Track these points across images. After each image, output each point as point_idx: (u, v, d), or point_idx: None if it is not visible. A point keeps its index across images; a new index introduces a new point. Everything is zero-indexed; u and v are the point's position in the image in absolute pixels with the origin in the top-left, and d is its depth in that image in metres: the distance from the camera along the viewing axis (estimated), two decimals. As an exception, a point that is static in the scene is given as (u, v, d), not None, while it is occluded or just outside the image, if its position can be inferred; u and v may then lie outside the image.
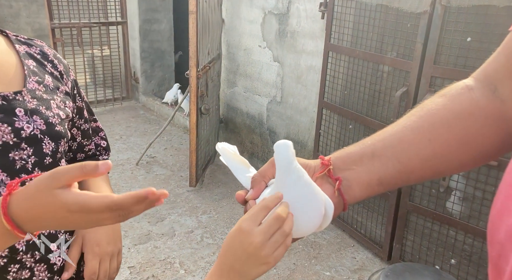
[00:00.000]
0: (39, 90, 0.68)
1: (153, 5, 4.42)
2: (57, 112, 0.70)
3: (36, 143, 0.65)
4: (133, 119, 4.31)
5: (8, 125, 0.61)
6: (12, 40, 0.71)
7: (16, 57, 0.69)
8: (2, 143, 0.60)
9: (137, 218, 2.62)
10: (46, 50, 0.75)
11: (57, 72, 0.75)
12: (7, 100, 0.62)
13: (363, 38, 2.20)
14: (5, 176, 0.61)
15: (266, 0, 2.95)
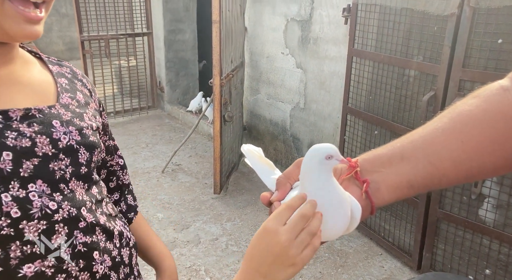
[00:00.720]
0: (72, 105, 0.71)
1: (177, 16, 4.51)
2: (90, 123, 0.72)
3: (73, 153, 0.67)
4: (158, 127, 4.39)
5: (47, 136, 0.63)
6: (45, 61, 0.75)
7: (50, 76, 0.72)
8: (42, 154, 0.62)
9: (163, 225, 2.66)
10: (75, 70, 0.79)
11: (86, 89, 0.78)
12: (44, 113, 0.65)
13: (387, 43, 2.17)
14: (45, 186, 0.63)
15: (289, 8, 2.96)
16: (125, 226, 0.81)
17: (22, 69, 0.68)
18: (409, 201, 2.19)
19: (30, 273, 0.61)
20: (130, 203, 0.94)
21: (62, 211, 0.64)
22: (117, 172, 0.90)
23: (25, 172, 0.60)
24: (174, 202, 2.93)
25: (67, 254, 0.65)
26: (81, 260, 0.66)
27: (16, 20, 0.57)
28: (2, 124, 0.60)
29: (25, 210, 0.60)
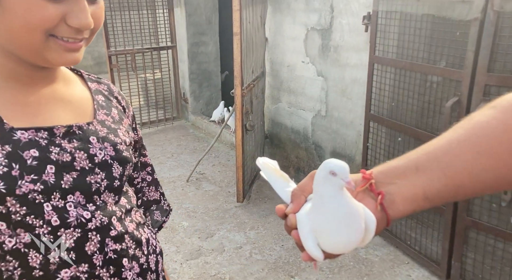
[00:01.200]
0: (108, 121, 0.76)
1: (200, 29, 4.63)
2: (124, 139, 0.76)
3: (107, 168, 0.71)
4: (183, 137, 4.48)
5: (85, 152, 0.68)
6: (85, 78, 0.80)
7: (88, 93, 0.78)
8: (80, 168, 0.67)
9: (188, 233, 2.70)
10: (112, 88, 0.84)
11: (120, 106, 0.83)
12: (83, 130, 0.70)
13: (409, 49, 2.16)
14: (82, 198, 0.67)
15: (309, 17, 2.98)
16: (152, 234, 0.84)
17: (64, 87, 0.73)
18: (435, 208, 2.14)
19: (67, 278, 0.65)
20: (156, 218, 0.95)
21: (95, 220, 0.68)
22: (143, 189, 0.92)
23: (66, 184, 0.65)
24: (198, 211, 2.98)
25: (98, 260, 0.68)
26: (112, 266, 0.70)
27: (58, 50, 0.62)
28: (47, 140, 0.65)
29: (63, 218, 0.65)
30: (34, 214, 0.62)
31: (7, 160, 0.60)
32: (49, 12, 0.58)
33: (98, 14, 0.64)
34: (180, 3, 4.48)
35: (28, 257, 0.63)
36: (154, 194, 0.95)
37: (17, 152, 0.62)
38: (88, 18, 0.61)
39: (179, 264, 2.40)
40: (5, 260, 0.62)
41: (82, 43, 0.64)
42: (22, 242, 0.63)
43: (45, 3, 0.57)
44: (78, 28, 0.61)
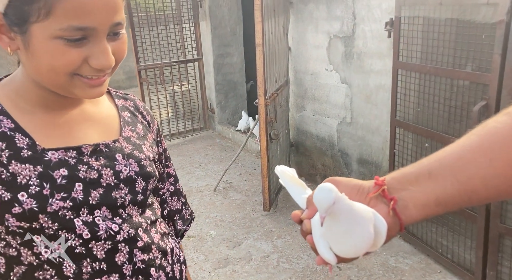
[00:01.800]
0: (133, 137, 0.80)
1: (225, 41, 4.73)
2: (148, 154, 0.81)
3: (131, 183, 0.75)
4: (210, 147, 4.57)
5: (111, 169, 0.73)
6: (112, 95, 0.85)
7: (115, 110, 0.82)
8: (106, 184, 0.72)
9: (216, 242, 2.75)
10: (138, 103, 0.88)
11: (145, 121, 0.87)
12: (109, 147, 0.75)
13: (433, 54, 2.13)
14: (108, 212, 0.72)
15: (331, 25, 3.00)
16: (176, 244, 0.88)
17: (92, 107, 0.78)
18: (466, 215, 2.08)
19: None
20: (178, 227, 0.99)
21: (123, 232, 0.73)
22: (167, 199, 0.96)
23: (93, 200, 0.70)
24: (226, 220, 3.02)
25: (128, 270, 0.73)
26: (140, 276, 0.74)
27: (83, 87, 0.66)
28: (76, 159, 0.70)
29: (94, 232, 0.69)
30: (66, 229, 0.67)
31: (39, 180, 0.65)
32: (72, 56, 0.61)
33: (120, 49, 0.67)
34: (205, 16, 4.60)
35: (63, 267, 0.68)
36: (176, 204, 0.98)
37: (48, 171, 0.67)
38: (108, 60, 0.64)
39: (208, 272, 2.45)
40: (43, 269, 0.67)
41: (105, 77, 0.68)
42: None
43: (68, 48, 0.61)
44: (100, 69, 0.65)
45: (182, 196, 1.01)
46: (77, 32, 0.60)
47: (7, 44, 0.64)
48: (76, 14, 0.59)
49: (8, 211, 0.64)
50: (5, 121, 0.67)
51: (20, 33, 0.61)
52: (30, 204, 0.64)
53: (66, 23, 0.59)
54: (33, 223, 0.65)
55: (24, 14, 0.59)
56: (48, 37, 0.60)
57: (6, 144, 0.65)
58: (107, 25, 0.62)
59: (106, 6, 0.61)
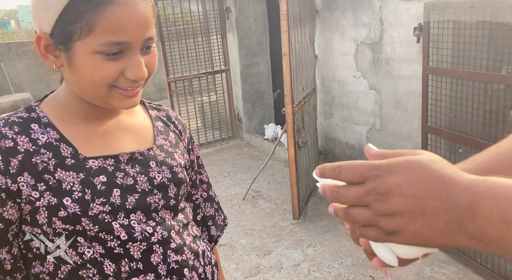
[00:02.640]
0: (166, 145, 0.85)
1: (251, 51, 4.80)
2: (179, 161, 0.85)
3: (164, 189, 0.80)
4: (238, 156, 4.61)
5: (145, 175, 0.78)
6: (147, 106, 0.91)
7: (149, 120, 0.88)
8: (141, 190, 0.77)
9: (246, 250, 2.76)
10: (170, 114, 0.93)
11: (177, 130, 0.92)
12: (144, 155, 0.80)
13: (465, 58, 2.08)
14: (142, 215, 0.76)
15: (358, 32, 2.99)
16: (207, 246, 0.91)
17: (128, 117, 0.84)
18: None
19: None
20: (212, 233, 1.02)
21: (156, 234, 0.77)
22: (200, 205, 1.00)
23: (129, 205, 0.75)
24: (255, 228, 3.03)
25: (163, 270, 0.76)
26: (175, 276, 0.78)
27: (119, 97, 0.72)
28: (113, 166, 0.75)
29: (130, 234, 0.74)
30: (105, 231, 0.72)
31: (81, 186, 0.71)
32: (111, 69, 0.68)
33: (151, 62, 0.73)
34: (232, 28, 4.69)
35: (104, 266, 0.73)
36: (209, 210, 1.02)
37: (89, 178, 0.72)
38: (142, 72, 0.70)
39: (239, 280, 2.46)
40: (86, 268, 0.73)
41: (139, 89, 0.74)
42: (99, 252, 0.73)
43: (106, 62, 0.67)
44: (135, 80, 0.71)
45: (215, 202, 1.04)
46: (114, 46, 0.66)
47: (52, 62, 0.71)
48: (113, 31, 0.65)
49: (55, 215, 0.69)
50: (52, 133, 0.73)
51: (64, 50, 0.68)
52: (73, 208, 0.69)
53: (105, 39, 0.65)
54: (77, 226, 0.70)
55: (68, 33, 0.66)
56: (89, 52, 0.66)
57: (53, 153, 0.72)
58: (140, 39, 0.68)
59: (139, 23, 0.67)
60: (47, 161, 0.70)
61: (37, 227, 0.71)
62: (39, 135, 0.72)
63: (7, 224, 0.70)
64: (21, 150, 0.70)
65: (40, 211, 0.70)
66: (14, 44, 6.64)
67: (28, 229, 0.72)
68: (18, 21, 54.99)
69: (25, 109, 0.75)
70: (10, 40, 13.02)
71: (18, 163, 0.69)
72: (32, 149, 0.70)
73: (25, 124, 0.72)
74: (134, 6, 0.66)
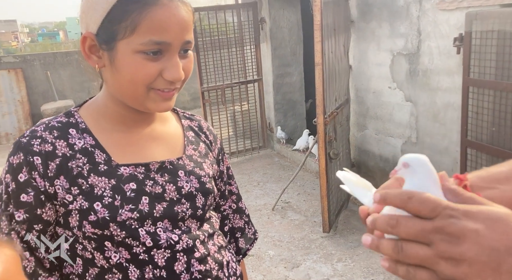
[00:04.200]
0: (195, 155, 0.86)
1: (285, 61, 4.80)
2: (208, 172, 0.85)
3: (192, 198, 0.80)
4: (269, 166, 4.59)
5: (174, 184, 0.78)
6: (180, 116, 0.91)
7: (181, 129, 0.88)
8: (169, 199, 0.77)
9: (274, 262, 2.72)
10: (202, 124, 0.94)
11: (208, 141, 0.92)
12: (173, 165, 0.80)
13: (510, 69, 1.98)
14: (169, 224, 0.77)
15: (394, 43, 2.92)
16: (233, 257, 0.90)
17: (161, 126, 0.85)
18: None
19: None
20: (241, 246, 1.00)
21: (181, 242, 0.77)
22: (229, 216, 0.99)
23: (157, 213, 0.75)
24: (284, 240, 2.99)
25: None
26: None
27: (156, 99, 0.73)
28: (144, 174, 0.76)
29: (155, 241, 0.74)
30: (132, 237, 0.73)
31: (111, 192, 0.72)
32: (150, 69, 0.69)
33: (188, 67, 0.74)
34: (266, 38, 4.73)
35: (128, 271, 0.74)
36: (238, 222, 1.00)
37: (120, 185, 0.73)
38: (179, 73, 0.71)
39: (266, 292, 2.42)
40: (112, 272, 0.74)
41: (174, 91, 0.74)
42: (125, 257, 0.73)
43: (147, 62, 0.69)
44: (172, 81, 0.72)
45: (245, 214, 1.02)
46: (155, 46, 0.68)
47: (95, 62, 0.73)
48: (156, 30, 0.67)
49: (86, 218, 0.71)
50: (88, 139, 0.75)
51: (108, 50, 0.70)
52: (103, 213, 0.71)
53: (147, 38, 0.67)
54: (105, 231, 0.72)
55: (113, 33, 0.68)
56: (131, 52, 0.68)
57: (88, 158, 0.74)
58: (180, 41, 0.70)
59: (180, 25, 0.69)
60: (82, 165, 0.72)
61: (69, 230, 0.73)
62: (76, 140, 0.74)
63: (46, 225, 0.73)
64: (59, 154, 0.72)
65: (72, 214, 0.72)
66: (59, 54, 7.01)
67: (61, 231, 0.74)
68: (66, 32, 58.17)
69: (65, 114, 0.78)
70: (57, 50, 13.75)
71: (56, 167, 0.71)
72: (69, 153, 0.73)
73: (64, 129, 0.75)
74: (176, 8, 0.68)
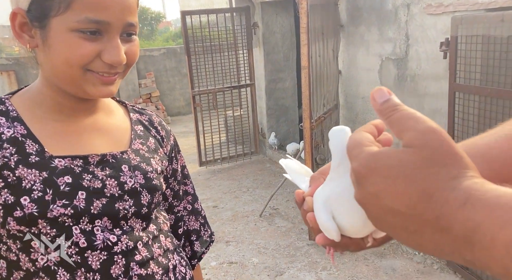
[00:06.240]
0: (142, 150, 0.80)
1: (278, 66, 4.77)
2: (155, 167, 0.80)
3: (136, 195, 0.75)
4: (260, 172, 4.54)
5: (115, 180, 0.73)
6: (128, 109, 0.87)
7: (128, 123, 0.83)
8: (110, 195, 0.72)
9: (257, 270, 2.66)
10: (153, 118, 0.89)
11: (159, 136, 0.87)
12: (116, 158, 0.75)
13: (495, 75, 1.93)
14: (109, 223, 0.71)
15: (383, 47, 2.89)
16: (181, 261, 0.85)
17: (105, 117, 0.80)
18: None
19: None
20: (196, 249, 0.95)
21: (120, 244, 0.71)
22: (183, 218, 0.94)
23: (95, 210, 0.70)
24: (269, 247, 2.93)
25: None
26: None
27: (94, 83, 0.69)
28: (81, 167, 0.71)
29: (90, 241, 0.69)
30: (64, 236, 0.67)
31: (42, 185, 0.66)
32: (87, 49, 0.65)
33: (132, 51, 0.69)
34: (259, 43, 4.70)
35: (57, 275, 0.68)
36: (194, 224, 0.96)
37: (53, 178, 0.68)
38: (120, 55, 0.66)
39: (246, 301, 2.36)
40: (38, 276, 0.68)
41: (116, 77, 0.70)
42: (53, 260, 0.68)
43: (83, 41, 0.64)
44: (111, 64, 0.67)
45: (201, 216, 0.98)
46: (92, 24, 0.64)
47: (26, 42, 0.68)
48: (93, 8, 0.63)
49: (10, 214, 0.65)
50: (19, 128, 0.70)
51: (40, 28, 0.65)
52: (31, 208, 0.65)
53: (83, 15, 0.63)
54: (32, 228, 0.66)
55: (46, 9, 0.64)
56: (65, 30, 0.64)
57: (16, 149, 0.68)
58: (120, 22, 0.66)
59: (120, 4, 0.65)
60: (9, 156, 0.67)
61: None
62: (5, 129, 0.69)
63: None
64: None
65: None
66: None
67: None
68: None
69: None
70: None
71: None
72: None
73: None
74: None
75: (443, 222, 0.30)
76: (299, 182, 0.52)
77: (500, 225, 0.27)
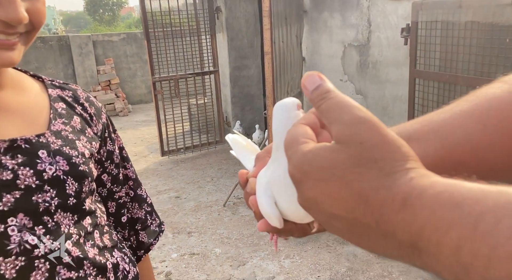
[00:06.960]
0: (65, 131, 0.69)
1: (242, 53, 4.67)
2: (82, 151, 0.69)
3: (60, 184, 0.64)
4: (224, 161, 4.46)
5: (30, 168, 0.62)
6: (46, 85, 0.74)
7: (47, 100, 0.71)
8: (25, 186, 0.61)
9: (220, 260, 2.60)
10: (79, 93, 0.77)
11: (86, 114, 0.76)
12: (30, 143, 0.64)
13: (453, 61, 1.95)
14: (27, 220, 0.61)
15: (346, 34, 2.86)
16: (125, 258, 0.76)
17: (14, 96, 0.68)
18: None
19: None
20: (142, 239, 0.87)
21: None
22: (126, 204, 0.85)
23: (5, 206, 0.59)
24: (233, 237, 2.88)
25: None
26: None
27: None
28: None
29: (2, 246, 0.58)
30: None
31: None
32: None
33: (36, 8, 0.59)
34: (222, 28, 4.58)
35: None
36: (138, 212, 0.87)
37: None
38: (18, 12, 0.56)
39: (208, 293, 2.30)
40: None
41: (17, 41, 0.59)
42: None
43: None
44: (7, 22, 0.56)
45: (147, 203, 0.89)
46: None
47: None
48: None
49: None
50: None
51: None
52: None
53: None
54: None
55: None
56: None
57: None
58: None
59: None
60: None
61: None
62: None
63: None
64: None
65: None
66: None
67: None
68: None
69: None
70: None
71: None
72: None
73: None
74: None
75: (385, 227, 0.27)
76: (245, 161, 0.48)
77: (444, 228, 0.24)
